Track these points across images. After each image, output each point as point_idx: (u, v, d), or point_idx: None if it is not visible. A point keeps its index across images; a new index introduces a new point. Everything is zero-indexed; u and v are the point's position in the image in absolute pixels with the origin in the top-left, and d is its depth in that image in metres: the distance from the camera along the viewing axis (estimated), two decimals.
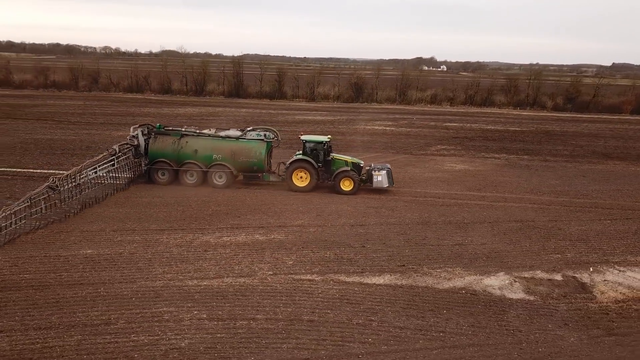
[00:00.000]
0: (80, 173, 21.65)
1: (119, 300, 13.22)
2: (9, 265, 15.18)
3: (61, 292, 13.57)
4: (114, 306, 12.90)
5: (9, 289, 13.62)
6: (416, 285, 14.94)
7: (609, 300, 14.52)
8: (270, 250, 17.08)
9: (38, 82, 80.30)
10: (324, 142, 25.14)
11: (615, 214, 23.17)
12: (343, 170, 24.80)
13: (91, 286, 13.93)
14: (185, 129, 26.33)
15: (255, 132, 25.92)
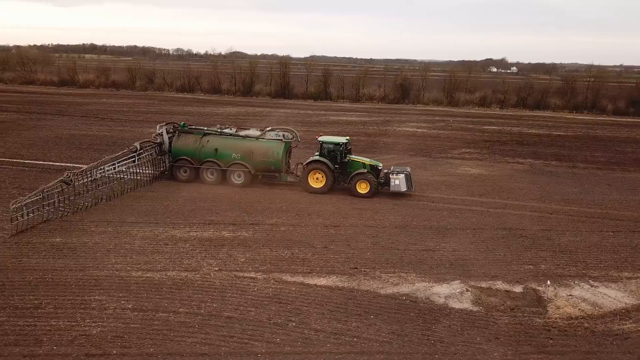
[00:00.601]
0: (97, 169, 22.33)
1: (59, 287, 13.88)
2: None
3: (11, 276, 14.43)
4: (52, 292, 13.56)
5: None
6: (357, 289, 14.61)
7: (560, 317, 13.51)
8: (228, 247, 17.28)
9: (99, 82, 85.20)
10: (340, 143, 24.74)
11: (622, 226, 21.49)
12: (359, 172, 24.30)
13: (41, 272, 14.71)
14: (207, 128, 26.81)
15: (274, 132, 25.87)
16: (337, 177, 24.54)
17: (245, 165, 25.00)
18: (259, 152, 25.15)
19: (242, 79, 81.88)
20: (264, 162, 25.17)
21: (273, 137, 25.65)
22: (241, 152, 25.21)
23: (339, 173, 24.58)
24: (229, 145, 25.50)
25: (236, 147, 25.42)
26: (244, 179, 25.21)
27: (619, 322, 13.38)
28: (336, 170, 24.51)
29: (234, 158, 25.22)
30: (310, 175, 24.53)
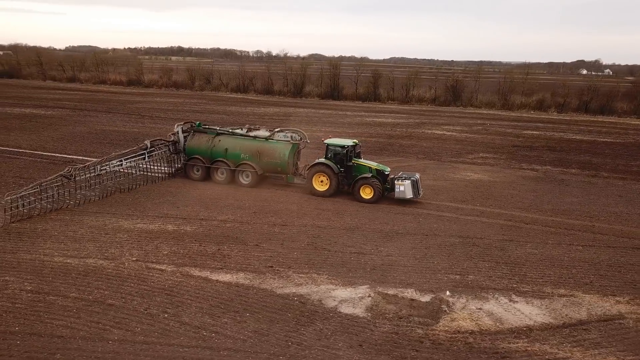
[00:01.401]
0: (101, 165, 23.09)
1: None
2: None
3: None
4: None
5: None
6: (255, 287, 14.63)
7: (446, 329, 12.78)
8: (162, 240, 17.89)
9: (162, 82, 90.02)
10: (345, 146, 24.08)
11: (600, 240, 19.76)
12: (363, 176, 23.60)
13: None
14: (219, 128, 27.15)
15: (283, 134, 25.76)
16: (341, 181, 23.95)
17: (253, 166, 25.08)
18: (266, 153, 25.16)
19: (292, 80, 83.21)
20: (271, 162, 25.17)
21: (281, 138, 25.56)
22: (250, 152, 25.34)
23: (343, 177, 24.01)
24: (238, 146, 25.68)
25: (245, 147, 25.56)
26: (251, 180, 25.31)
27: (511, 340, 12.43)
28: (340, 174, 23.94)
29: (242, 158, 25.39)
30: (315, 178, 24.16)
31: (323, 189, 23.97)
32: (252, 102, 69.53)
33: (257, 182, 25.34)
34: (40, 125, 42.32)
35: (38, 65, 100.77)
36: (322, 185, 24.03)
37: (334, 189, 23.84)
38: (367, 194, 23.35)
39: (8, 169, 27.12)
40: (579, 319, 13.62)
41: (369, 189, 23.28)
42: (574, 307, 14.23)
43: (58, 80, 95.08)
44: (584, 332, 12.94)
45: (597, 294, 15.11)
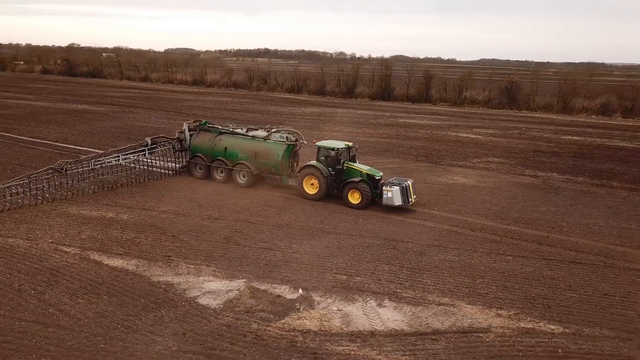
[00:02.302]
0: (95, 159, 23.98)
1: None
2: None
3: None
4: None
5: None
6: (136, 273, 15.35)
7: (284, 327, 12.71)
8: (91, 225, 19.16)
9: (223, 82, 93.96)
10: (336, 148, 23.34)
11: (539, 252, 18.44)
12: (351, 180, 22.74)
13: None
14: (221, 127, 27.20)
15: (279, 134, 25.52)
16: (330, 184, 23.30)
17: (248, 166, 25.02)
18: (262, 153, 25.00)
19: (343, 81, 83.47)
20: (266, 163, 24.98)
21: (277, 138, 25.26)
22: (246, 152, 25.32)
23: (332, 180, 23.33)
24: (237, 145, 25.72)
25: (243, 147, 25.55)
26: (247, 179, 25.22)
27: (342, 342, 12.15)
28: (330, 177, 23.29)
29: (240, 158, 25.44)
30: (306, 181, 23.69)
31: (313, 192, 23.47)
32: (299, 102, 70.67)
33: (252, 182, 25.22)
34: (80, 119, 46.10)
35: (117, 66, 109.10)
36: (313, 188, 23.51)
37: (324, 192, 23.23)
38: (355, 199, 22.53)
39: (18, 157, 30.01)
40: (436, 328, 12.97)
41: (357, 194, 22.46)
42: (442, 317, 13.54)
43: (132, 80, 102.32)
44: (430, 342, 12.34)
45: (482, 306, 14.23)
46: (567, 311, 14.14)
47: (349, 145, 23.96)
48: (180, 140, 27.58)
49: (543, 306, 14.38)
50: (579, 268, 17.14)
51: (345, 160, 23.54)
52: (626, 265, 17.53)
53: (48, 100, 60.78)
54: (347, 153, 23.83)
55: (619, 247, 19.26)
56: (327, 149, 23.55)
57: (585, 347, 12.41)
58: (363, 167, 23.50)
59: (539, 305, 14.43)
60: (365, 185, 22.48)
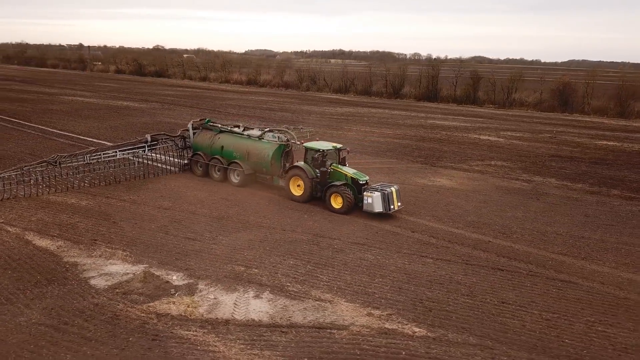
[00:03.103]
0: (90, 154, 24.69)
1: None
2: None
3: None
4: None
5: None
6: (54, 253, 16.61)
7: (147, 309, 13.33)
8: (48, 209, 20.78)
9: (275, 82, 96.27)
10: (321, 150, 22.62)
11: (466, 256, 17.84)
12: (334, 184, 21.89)
13: None
14: (221, 125, 27.41)
15: (272, 134, 25.26)
16: (314, 186, 22.66)
17: (241, 165, 24.96)
18: (254, 153, 24.85)
19: (390, 81, 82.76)
20: (257, 163, 24.78)
21: (270, 138, 25.06)
22: (240, 151, 25.24)
23: (316, 182, 22.68)
24: (232, 144, 25.72)
25: (237, 146, 25.51)
26: (240, 179, 25.15)
27: (190, 327, 12.62)
28: (314, 179, 22.66)
29: (234, 157, 25.45)
30: (292, 182, 23.26)
31: (299, 194, 23.03)
32: (338, 102, 71.03)
33: (246, 182, 25.06)
34: (116, 115, 49.36)
35: (180, 67, 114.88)
36: (299, 190, 23.06)
37: (308, 194, 22.66)
38: (337, 203, 21.67)
39: (33, 147, 32.88)
40: (294, 322, 13.09)
41: (340, 199, 21.56)
42: (310, 312, 13.62)
43: (192, 80, 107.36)
44: (278, 334, 12.50)
45: (359, 304, 14.13)
46: (447, 316, 13.69)
47: (336, 147, 23.20)
48: (184, 138, 28.18)
49: (424, 309, 14.01)
50: (497, 275, 16.40)
51: (333, 163, 22.91)
52: (553, 275, 16.54)
53: (100, 97, 65.43)
54: (336, 155, 23.19)
55: (562, 256, 18.15)
56: (313, 150, 22.86)
57: (435, 351, 12.04)
58: (349, 170, 22.65)
59: (421, 308, 14.07)
60: (348, 190, 21.53)
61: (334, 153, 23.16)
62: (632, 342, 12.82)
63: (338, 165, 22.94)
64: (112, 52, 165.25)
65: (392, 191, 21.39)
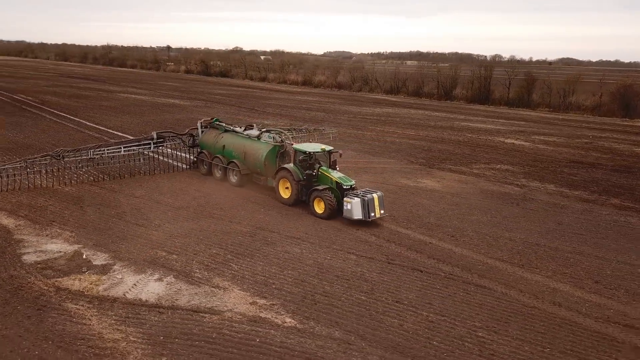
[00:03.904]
0: (94, 149, 25.52)
1: None
2: None
3: None
4: None
5: None
6: (9, 230, 18.44)
7: (52, 284, 14.62)
8: (32, 193, 22.90)
9: (328, 83, 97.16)
10: (308, 152, 21.98)
11: (399, 258, 17.67)
12: (316, 188, 21.21)
13: None
14: (225, 124, 27.52)
15: (268, 134, 25.01)
16: (300, 190, 21.97)
17: (238, 165, 24.89)
18: (250, 153, 24.62)
19: (440, 83, 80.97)
20: (252, 163, 24.54)
21: (267, 138, 24.77)
22: (239, 151, 25.11)
23: (302, 185, 21.99)
24: (232, 144, 25.59)
25: (236, 145, 25.40)
26: (238, 179, 25.02)
27: (80, 302, 13.72)
28: (301, 182, 21.95)
29: (233, 156, 25.36)
30: (281, 184, 22.75)
31: (287, 197, 22.50)
32: (384, 103, 70.60)
33: (242, 182, 24.92)
34: (155, 111, 52.43)
35: (242, 67, 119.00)
36: (287, 192, 22.49)
37: (294, 197, 22.05)
38: (320, 208, 20.98)
39: (59, 138, 35.95)
40: (176, 304, 13.82)
41: (322, 203, 20.87)
42: (197, 296, 14.29)
43: (252, 80, 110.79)
44: (154, 314, 13.28)
45: (249, 293, 14.61)
46: (328, 311, 13.82)
47: (324, 150, 22.37)
48: (193, 136, 28.56)
49: (311, 303, 14.21)
50: (412, 275, 16.16)
51: (322, 166, 22.14)
52: (473, 280, 16.05)
53: (154, 95, 69.53)
54: (326, 158, 22.56)
55: (499, 262, 17.50)
56: (300, 152, 22.30)
57: (290, 341, 12.29)
58: (335, 174, 21.76)
59: (308, 301, 14.28)
60: (330, 194, 20.82)
61: (323, 155, 22.48)
62: (503, 349, 12.32)
63: (326, 168, 22.14)
64: (191, 53, 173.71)
65: (373, 198, 20.28)
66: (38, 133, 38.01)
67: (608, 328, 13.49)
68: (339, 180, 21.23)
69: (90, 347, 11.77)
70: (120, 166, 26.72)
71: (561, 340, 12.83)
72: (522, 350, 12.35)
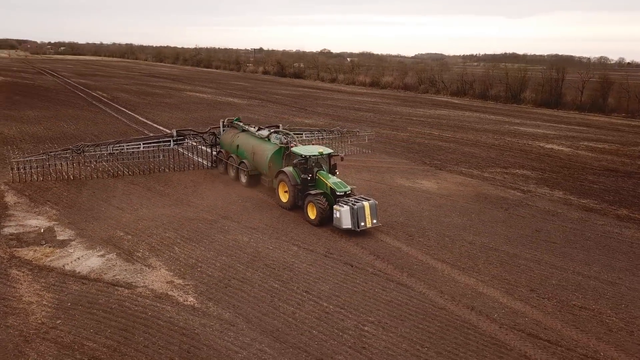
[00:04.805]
0: (113, 145, 26.22)
1: None
2: None
3: None
4: None
5: None
6: (4, 203, 21.03)
7: (9, 253, 16.62)
8: (34, 176, 25.68)
9: (396, 84, 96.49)
10: (304, 155, 21.13)
11: (337, 252, 17.96)
12: (309, 193, 20.40)
13: None
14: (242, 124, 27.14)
15: (275, 135, 24.56)
16: (297, 194, 21.23)
17: (247, 165, 24.71)
18: (257, 153, 24.22)
19: (510, 85, 77.44)
20: (259, 164, 24.15)
21: (274, 139, 24.26)
22: (249, 151, 24.79)
23: (298, 190, 21.21)
24: (245, 143, 25.25)
25: (247, 145, 25.04)
26: (246, 179, 24.79)
27: (24, 270, 15.52)
28: (297, 186, 21.18)
29: (244, 156, 25.05)
30: (280, 188, 22.06)
31: (285, 201, 21.80)
32: (444, 105, 69.03)
33: (250, 182, 24.64)
34: (207, 109, 55.35)
35: (314, 69, 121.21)
36: (286, 196, 21.78)
37: (292, 202, 21.33)
38: (312, 213, 20.05)
39: (104, 130, 39.39)
40: (102, 278, 15.19)
41: (314, 209, 19.96)
42: (125, 272, 15.60)
43: (323, 81, 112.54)
44: (79, 284, 14.76)
45: (172, 274, 15.66)
46: (235, 294, 14.54)
47: (322, 153, 21.41)
48: (215, 135, 28.68)
49: (223, 286, 14.98)
50: (340, 269, 16.38)
51: (320, 169, 21.41)
52: (397, 278, 15.97)
53: (216, 94, 73.12)
54: (326, 161, 21.82)
55: (440, 263, 17.21)
56: (296, 155, 21.54)
57: (179, 317, 13.19)
58: (331, 179, 20.70)
59: (221, 285, 15.05)
60: (323, 200, 19.88)
61: (324, 159, 21.68)
62: (378, 344, 12.34)
63: (325, 172, 21.28)
64: (269, 55, 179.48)
65: (363, 206, 19.03)
66: (90, 125, 41.85)
67: (507, 335, 12.95)
68: (333, 186, 20.18)
69: (5, 306, 13.39)
70: (139, 161, 27.40)
71: (447, 341, 12.55)
72: (398, 346, 12.28)
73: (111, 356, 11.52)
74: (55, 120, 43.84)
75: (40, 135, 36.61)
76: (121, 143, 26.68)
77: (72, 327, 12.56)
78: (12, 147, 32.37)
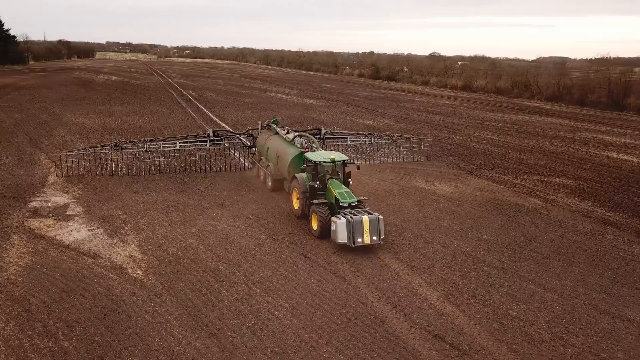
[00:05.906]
0: (149, 143, 27.15)
1: None
2: None
3: None
4: None
5: None
6: (45, 182, 24.31)
7: (20, 222, 19.35)
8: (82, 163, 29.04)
9: (488, 88, 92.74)
10: (314, 161, 20.04)
11: (301, 244, 18.62)
12: (312, 202, 19.31)
13: None
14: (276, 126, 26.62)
15: (299, 139, 23.48)
16: (305, 202, 19.99)
17: (272, 169, 24.23)
18: (281, 157, 23.28)
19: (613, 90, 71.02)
20: (281, 167, 23.32)
21: (297, 143, 23.20)
22: (274, 154, 24.02)
23: (306, 197, 20.01)
24: (273, 146, 24.55)
25: (274, 148, 24.35)
26: (271, 183, 24.30)
27: (23, 237, 18.12)
28: (305, 193, 20.03)
29: (271, 160, 24.44)
30: (294, 194, 20.90)
31: (297, 207, 20.72)
32: (528, 110, 65.24)
33: (275, 186, 24.06)
34: (277, 108, 57.59)
35: (408, 72, 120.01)
36: (297, 203, 20.70)
37: (301, 209, 20.18)
38: (315, 224, 18.82)
39: (171, 125, 42.98)
40: (77, 248, 17.27)
41: (317, 220, 18.72)
42: (100, 245, 17.54)
43: (415, 84, 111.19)
44: (58, 252, 16.94)
45: (138, 250, 17.27)
46: (178, 272, 15.75)
47: (334, 160, 20.18)
48: (254, 136, 28.50)
49: (173, 264, 16.29)
50: (293, 258, 16.98)
51: (332, 178, 20.10)
52: (342, 273, 16.20)
53: (297, 95, 75.48)
54: (340, 168, 20.46)
55: (396, 262, 17.09)
56: (309, 161, 20.36)
57: (117, 286, 14.69)
58: (338, 188, 19.18)
59: (173, 263, 16.36)
60: (325, 210, 18.60)
61: (339, 166, 20.42)
62: (275, 327, 12.87)
63: (336, 181, 19.95)
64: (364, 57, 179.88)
65: (362, 220, 17.35)
66: (161, 120, 45.86)
67: (412, 334, 12.77)
68: (338, 196, 18.67)
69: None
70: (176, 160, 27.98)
71: (344, 333, 12.70)
72: (294, 332, 12.68)
73: (40, 310, 13.28)
74: (135, 115, 48.56)
75: (113, 128, 40.97)
76: (157, 141, 27.62)
77: (27, 285, 14.59)
78: (83, 137, 36.71)
